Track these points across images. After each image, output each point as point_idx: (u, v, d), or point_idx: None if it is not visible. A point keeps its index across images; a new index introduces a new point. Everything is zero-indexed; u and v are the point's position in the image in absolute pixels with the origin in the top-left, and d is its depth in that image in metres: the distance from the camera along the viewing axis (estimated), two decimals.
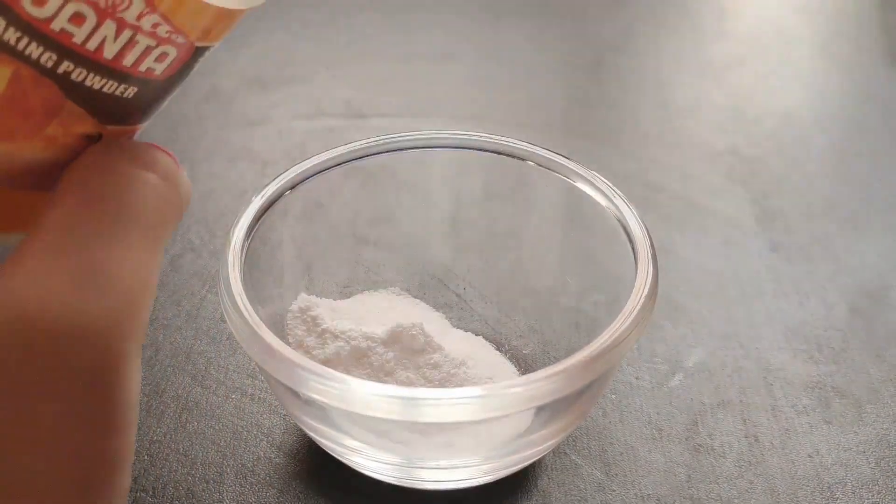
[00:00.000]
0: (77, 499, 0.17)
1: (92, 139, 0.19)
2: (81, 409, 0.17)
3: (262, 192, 0.27)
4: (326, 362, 0.27)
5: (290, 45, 0.53)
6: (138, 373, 0.18)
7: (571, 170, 0.28)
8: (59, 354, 0.17)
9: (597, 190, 0.27)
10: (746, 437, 0.28)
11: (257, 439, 0.28)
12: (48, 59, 0.16)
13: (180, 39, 0.18)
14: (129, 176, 0.19)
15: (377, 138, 0.29)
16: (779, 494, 0.26)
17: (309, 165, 0.28)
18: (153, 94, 0.19)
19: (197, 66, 0.19)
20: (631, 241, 0.26)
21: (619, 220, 0.26)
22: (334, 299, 0.31)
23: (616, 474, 0.27)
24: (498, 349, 0.30)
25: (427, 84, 0.50)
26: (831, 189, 0.41)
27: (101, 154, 0.19)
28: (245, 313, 0.23)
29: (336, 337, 0.27)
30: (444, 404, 0.21)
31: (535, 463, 0.27)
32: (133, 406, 0.18)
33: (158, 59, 0.18)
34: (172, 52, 0.18)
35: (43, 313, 0.17)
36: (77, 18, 0.16)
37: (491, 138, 0.29)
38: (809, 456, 0.28)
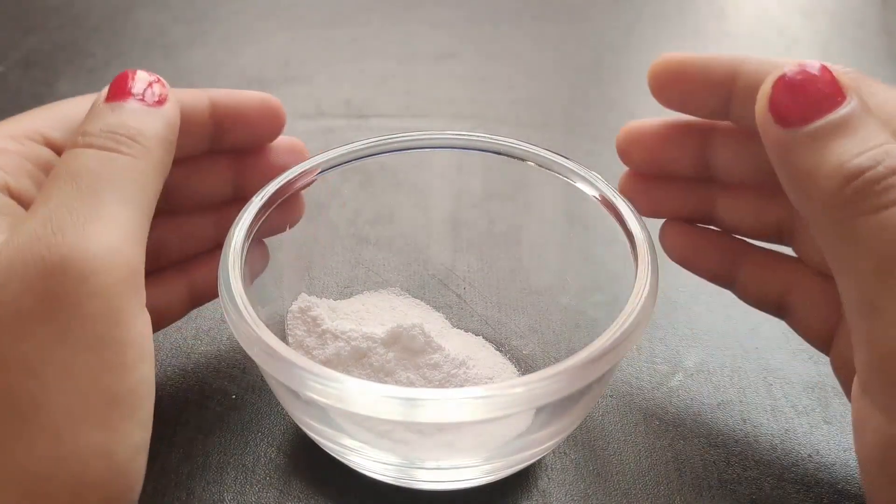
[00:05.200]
0: (97, 426, 0.20)
1: None
2: (94, 349, 0.20)
3: (262, 193, 0.27)
4: (326, 363, 0.27)
5: (290, 45, 0.53)
6: (143, 320, 0.21)
7: (571, 170, 0.28)
8: (79, 301, 0.20)
9: (597, 190, 0.27)
10: (746, 436, 0.28)
11: (257, 439, 0.28)
12: None
13: None
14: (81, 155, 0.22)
15: (377, 138, 0.29)
16: (779, 495, 0.26)
17: (309, 165, 0.28)
18: None
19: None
20: (631, 241, 0.26)
21: (618, 220, 0.26)
22: (334, 299, 0.31)
23: (616, 474, 0.27)
24: (498, 349, 0.30)
25: (427, 84, 0.50)
26: None
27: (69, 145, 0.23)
28: (245, 313, 0.23)
29: (336, 337, 0.27)
30: (444, 405, 0.21)
31: (535, 463, 0.27)
32: (140, 347, 0.21)
33: None
34: None
35: (68, 265, 0.20)
36: None
37: (491, 138, 0.29)
38: (809, 456, 0.28)
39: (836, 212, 0.21)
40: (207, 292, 0.29)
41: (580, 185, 0.28)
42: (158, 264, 0.28)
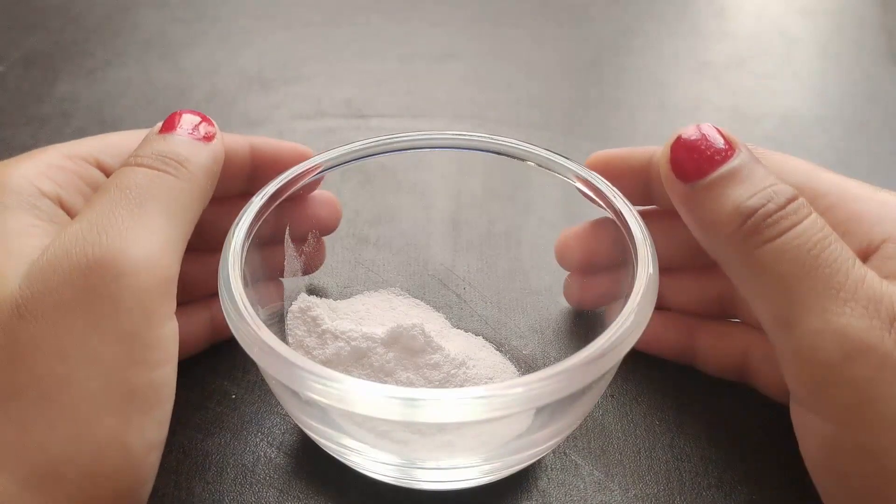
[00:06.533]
0: (116, 415, 0.21)
1: None
2: (124, 343, 0.21)
3: (263, 193, 0.27)
4: (326, 363, 0.27)
5: (290, 45, 0.53)
6: (171, 326, 0.23)
7: (571, 170, 0.28)
8: (115, 297, 0.21)
9: (597, 190, 0.27)
10: (746, 436, 0.28)
11: (257, 439, 0.28)
12: None
13: None
14: (131, 173, 0.24)
15: (377, 138, 0.29)
16: (779, 495, 0.26)
17: (309, 165, 0.28)
18: None
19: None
20: (631, 240, 0.26)
21: (619, 220, 0.26)
22: (334, 299, 0.31)
23: (616, 474, 0.27)
24: (498, 349, 0.30)
25: (427, 84, 0.50)
26: None
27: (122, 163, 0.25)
28: (245, 313, 0.23)
29: (336, 337, 0.27)
30: (444, 405, 0.21)
31: (535, 463, 0.27)
32: (166, 349, 0.22)
33: None
34: None
35: (109, 263, 0.21)
36: None
37: (491, 138, 0.29)
38: None
39: (739, 247, 0.23)
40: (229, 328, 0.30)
41: (580, 185, 0.28)
42: (184, 297, 0.29)
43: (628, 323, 0.23)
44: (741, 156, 0.24)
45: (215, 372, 0.30)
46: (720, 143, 0.24)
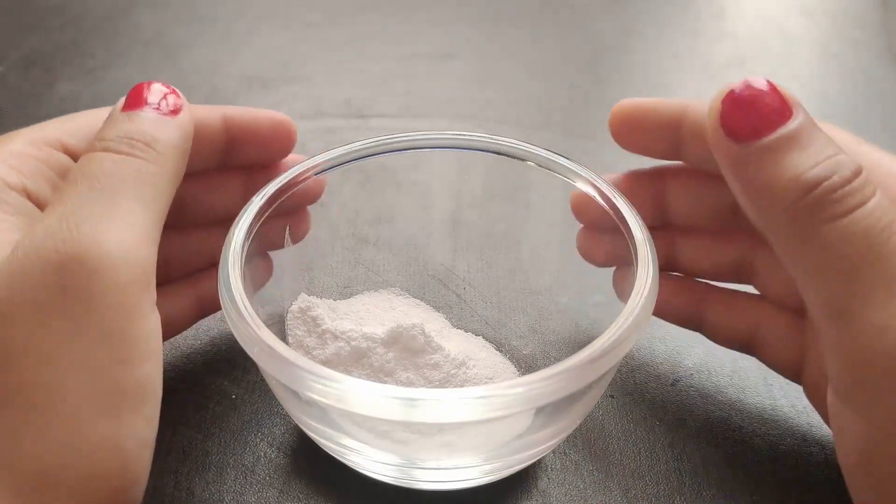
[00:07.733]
0: (107, 417, 0.20)
1: None
2: (107, 342, 0.20)
3: (263, 193, 0.27)
4: (326, 363, 0.27)
5: (290, 45, 0.53)
6: (153, 319, 0.22)
7: (571, 170, 0.28)
8: (93, 295, 0.20)
9: (597, 190, 0.27)
10: (746, 436, 0.28)
11: (257, 439, 0.28)
12: None
13: None
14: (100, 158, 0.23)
15: (377, 138, 0.29)
16: (779, 496, 0.26)
17: (309, 165, 0.28)
18: None
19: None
20: (631, 241, 0.26)
21: (619, 220, 0.26)
22: (334, 299, 0.31)
23: (616, 474, 0.27)
24: (498, 350, 0.30)
25: (427, 84, 0.50)
26: None
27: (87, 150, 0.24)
28: (245, 313, 0.23)
29: (336, 337, 0.27)
30: (444, 405, 0.21)
31: (535, 463, 0.27)
32: (149, 344, 0.21)
33: None
34: None
35: (83, 259, 0.20)
36: None
37: (491, 138, 0.29)
38: (809, 455, 0.28)
39: (797, 222, 0.21)
40: (215, 303, 0.29)
41: (580, 185, 0.28)
42: (167, 276, 0.29)
43: (628, 323, 0.23)
44: (800, 117, 0.22)
45: (215, 372, 0.30)
46: (777, 101, 0.22)
